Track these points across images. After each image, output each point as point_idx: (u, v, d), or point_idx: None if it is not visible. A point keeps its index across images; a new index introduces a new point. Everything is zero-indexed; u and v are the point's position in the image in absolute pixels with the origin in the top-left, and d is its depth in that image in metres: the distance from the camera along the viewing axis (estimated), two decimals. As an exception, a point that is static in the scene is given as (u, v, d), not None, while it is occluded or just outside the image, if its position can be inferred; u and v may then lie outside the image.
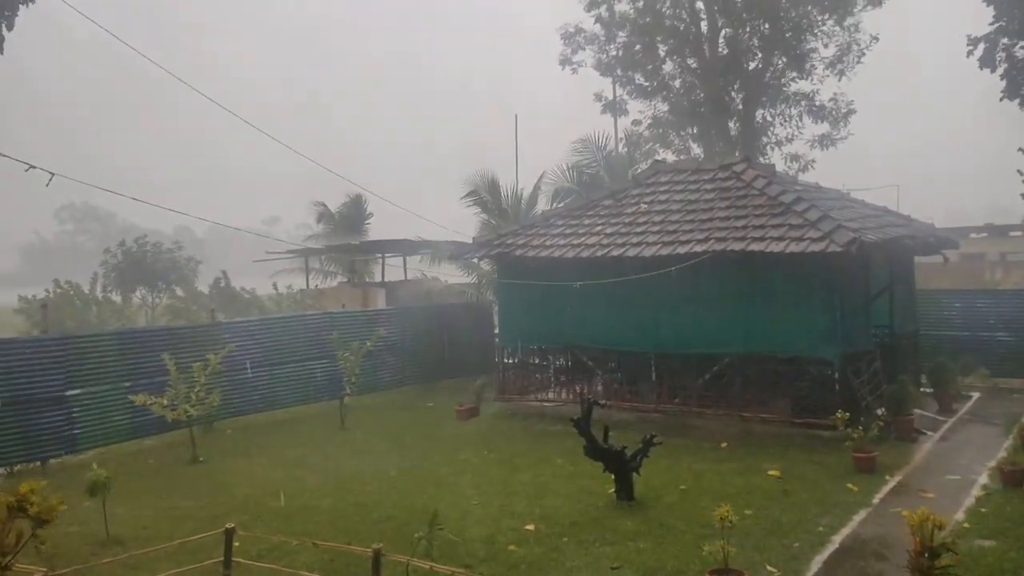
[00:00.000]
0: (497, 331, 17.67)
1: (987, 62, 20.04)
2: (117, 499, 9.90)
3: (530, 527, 9.28)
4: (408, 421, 16.06)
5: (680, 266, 13.23)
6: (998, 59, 19.98)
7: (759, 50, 26.13)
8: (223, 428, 15.41)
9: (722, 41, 26.48)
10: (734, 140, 26.45)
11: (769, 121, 27.02)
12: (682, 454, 12.25)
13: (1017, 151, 17.51)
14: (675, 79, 27.44)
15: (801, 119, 27.01)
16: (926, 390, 15.63)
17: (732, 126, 26.91)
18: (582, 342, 15.45)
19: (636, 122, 28.76)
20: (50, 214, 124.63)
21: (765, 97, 26.51)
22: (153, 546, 8.40)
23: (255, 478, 11.98)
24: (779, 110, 26.90)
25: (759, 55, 26.23)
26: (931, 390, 15.62)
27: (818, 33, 25.76)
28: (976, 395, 16.39)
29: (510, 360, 16.61)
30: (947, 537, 6.91)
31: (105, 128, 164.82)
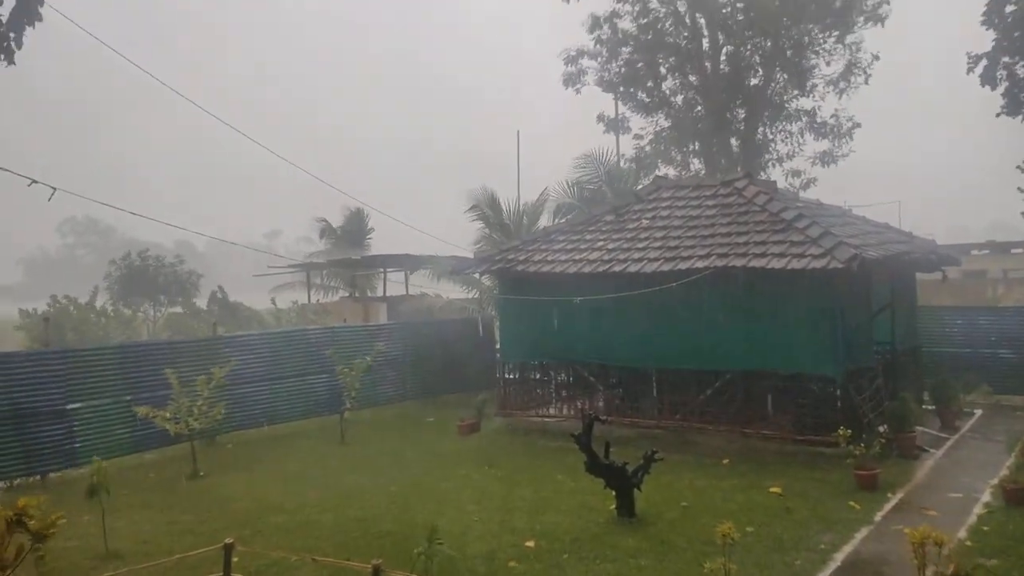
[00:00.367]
0: (498, 346, 17.67)
1: (988, 79, 20.13)
2: (117, 513, 9.90)
3: (530, 543, 9.24)
4: (409, 436, 16.03)
5: (681, 282, 13.24)
6: (999, 77, 20.07)
7: (760, 67, 26.28)
8: (224, 442, 15.42)
9: (723, 58, 26.64)
10: (736, 156, 26.57)
11: (770, 138, 27.13)
12: (683, 470, 12.21)
13: (1015, 168, 17.56)
14: (677, 95, 27.59)
15: (802, 136, 27.16)
16: (928, 407, 15.57)
17: (734, 142, 27.03)
18: (583, 358, 15.44)
19: (638, 136, 28.95)
20: (53, 227, 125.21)
21: (767, 113, 26.62)
22: (152, 561, 8.40)
23: (255, 493, 11.94)
24: (780, 127, 27.03)
25: (760, 72, 26.37)
26: (933, 407, 15.56)
27: (819, 51, 25.92)
28: (979, 412, 16.34)
29: (511, 375, 16.60)
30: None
31: (103, 125, 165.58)
